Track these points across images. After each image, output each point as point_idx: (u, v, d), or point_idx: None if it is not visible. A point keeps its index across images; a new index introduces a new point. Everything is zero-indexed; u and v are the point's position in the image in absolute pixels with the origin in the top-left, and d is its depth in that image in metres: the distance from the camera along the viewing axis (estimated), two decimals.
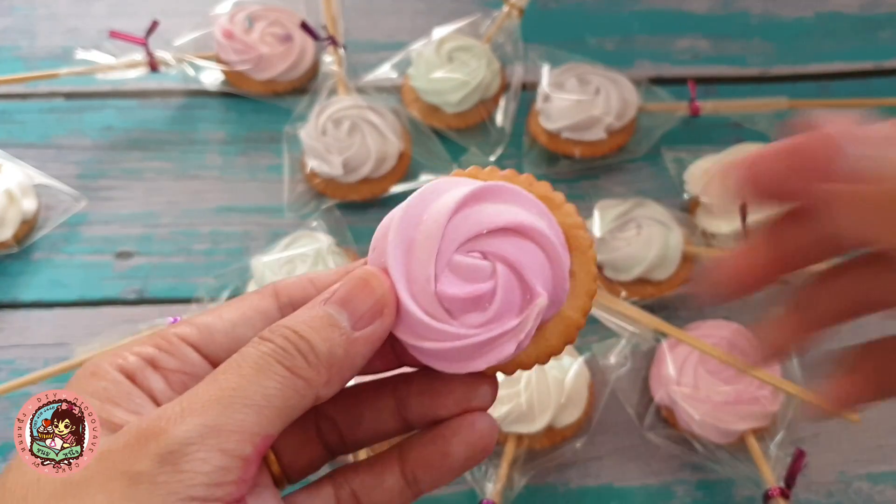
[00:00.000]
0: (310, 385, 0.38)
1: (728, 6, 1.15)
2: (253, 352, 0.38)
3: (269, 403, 0.37)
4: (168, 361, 0.41)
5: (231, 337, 0.43)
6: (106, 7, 1.14)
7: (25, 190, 0.94)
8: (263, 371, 0.37)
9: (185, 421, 0.35)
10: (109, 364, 0.40)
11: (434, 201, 0.42)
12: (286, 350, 0.38)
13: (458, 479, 0.81)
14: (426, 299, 0.42)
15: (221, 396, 0.36)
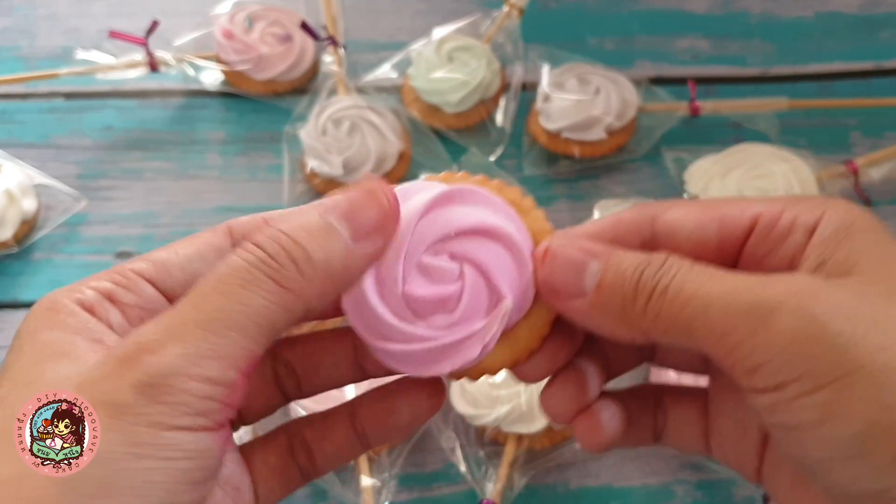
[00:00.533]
0: (300, 298, 0.37)
1: (728, 6, 1.15)
2: (239, 262, 0.37)
3: (254, 322, 0.36)
4: (125, 296, 0.41)
5: (187, 272, 0.42)
6: (106, 7, 1.14)
7: (25, 190, 0.93)
8: (249, 285, 0.36)
9: (166, 349, 0.34)
10: (67, 298, 0.39)
11: (404, 202, 0.42)
12: (276, 258, 0.37)
13: (458, 479, 0.82)
14: (393, 300, 0.42)
15: (202, 319, 0.35)
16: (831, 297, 0.36)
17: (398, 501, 0.82)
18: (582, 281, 0.41)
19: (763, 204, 0.43)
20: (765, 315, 0.36)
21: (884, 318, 0.35)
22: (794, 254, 0.41)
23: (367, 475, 0.79)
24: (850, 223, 0.39)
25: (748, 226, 0.42)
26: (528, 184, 0.98)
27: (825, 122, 1.05)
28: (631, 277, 0.40)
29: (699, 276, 0.39)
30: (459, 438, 0.82)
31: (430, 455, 0.84)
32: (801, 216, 0.41)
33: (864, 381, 0.34)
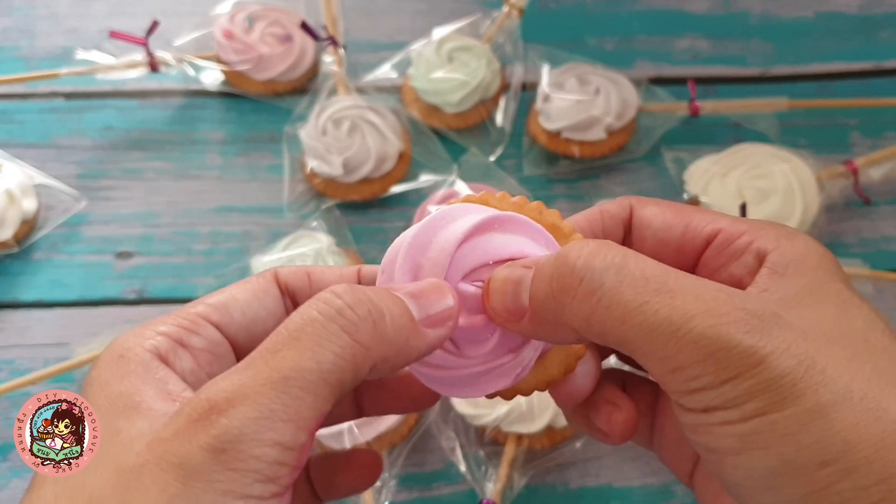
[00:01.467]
0: (369, 356, 0.37)
1: (728, 6, 1.15)
2: (314, 314, 0.37)
3: (326, 381, 0.36)
4: (195, 340, 0.41)
5: (247, 315, 0.43)
6: (106, 7, 1.14)
7: (25, 190, 0.94)
8: (323, 340, 0.36)
9: (238, 410, 0.34)
10: (137, 345, 0.40)
11: (443, 228, 0.42)
12: (356, 310, 0.37)
13: (458, 479, 0.82)
14: None
15: (275, 379, 0.35)
16: (781, 333, 0.36)
17: (398, 501, 0.82)
18: (521, 300, 0.40)
19: (729, 221, 0.44)
20: (716, 350, 0.36)
21: (822, 358, 0.36)
22: (742, 274, 0.42)
23: None
24: (802, 258, 0.40)
25: (709, 237, 0.44)
26: (528, 184, 0.98)
27: (825, 122, 1.05)
28: (551, 276, 0.39)
29: (643, 285, 0.37)
30: (459, 438, 0.82)
31: (431, 455, 0.85)
32: (757, 241, 0.42)
33: (787, 421, 0.35)
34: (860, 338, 0.38)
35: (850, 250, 0.97)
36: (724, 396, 0.36)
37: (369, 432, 0.80)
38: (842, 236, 0.97)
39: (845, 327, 0.38)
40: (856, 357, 0.37)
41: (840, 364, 0.36)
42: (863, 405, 0.35)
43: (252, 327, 0.43)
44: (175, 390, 0.39)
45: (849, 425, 0.34)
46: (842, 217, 0.98)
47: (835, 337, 0.37)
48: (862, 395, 0.35)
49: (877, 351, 0.37)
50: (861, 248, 0.97)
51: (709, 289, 0.37)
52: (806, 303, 0.39)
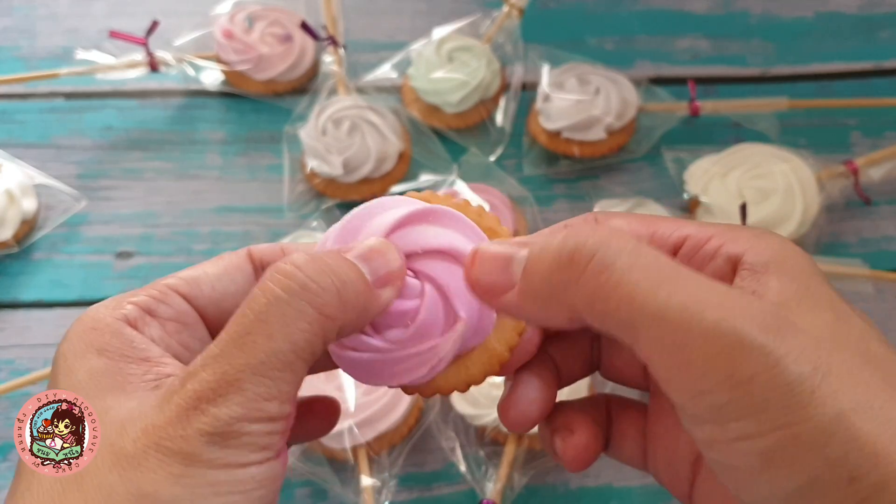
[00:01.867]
0: (335, 324, 0.39)
1: (728, 6, 1.16)
2: (278, 292, 0.38)
3: (300, 358, 0.37)
4: (163, 310, 0.43)
5: (216, 289, 0.45)
6: (106, 7, 1.14)
7: (25, 190, 0.94)
8: (291, 321, 0.37)
9: (226, 398, 0.36)
10: (108, 315, 0.41)
11: (377, 215, 0.43)
12: (319, 281, 0.38)
13: (458, 479, 0.82)
14: None
15: (254, 364, 0.36)
16: (794, 337, 0.34)
17: (398, 501, 0.82)
18: (510, 273, 0.40)
19: (696, 226, 0.43)
20: (731, 344, 0.34)
21: (835, 365, 0.34)
22: (716, 278, 0.39)
23: (367, 475, 0.79)
24: (782, 260, 0.39)
25: (675, 244, 0.43)
26: (528, 184, 0.98)
27: (825, 122, 1.05)
28: (560, 250, 0.38)
29: (656, 269, 0.36)
30: (459, 438, 0.82)
31: (431, 455, 0.85)
32: (726, 245, 0.41)
33: (811, 433, 0.33)
34: (862, 347, 0.36)
35: (851, 250, 0.97)
36: (737, 403, 0.34)
37: (369, 432, 0.80)
38: (842, 236, 0.97)
39: (846, 335, 0.36)
40: (866, 365, 0.35)
41: (853, 372, 0.34)
42: (883, 414, 0.33)
43: (221, 301, 0.44)
44: (154, 356, 0.40)
45: (874, 436, 0.33)
46: (842, 217, 0.98)
47: (841, 344, 0.35)
48: (881, 404, 0.33)
49: (878, 360, 0.36)
50: (861, 248, 0.97)
51: (721, 285, 0.36)
52: (806, 307, 0.37)
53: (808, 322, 0.36)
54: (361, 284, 0.40)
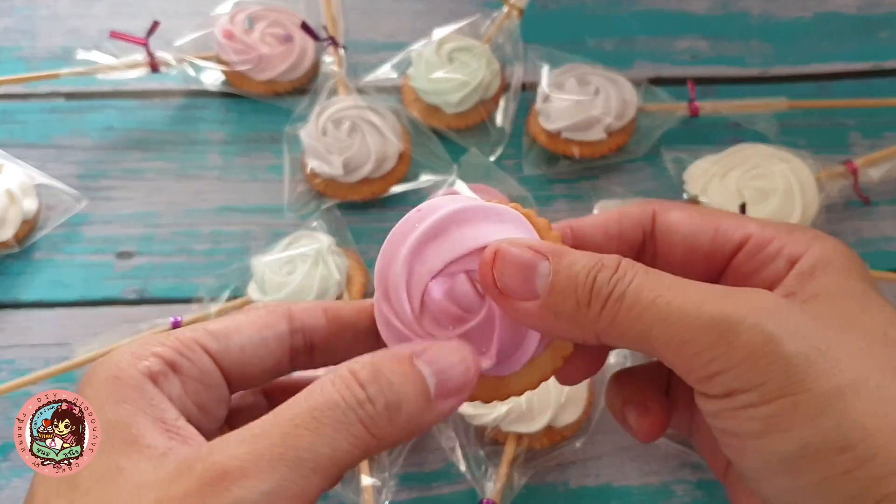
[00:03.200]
0: (380, 446, 0.38)
1: (727, 7, 1.16)
2: (336, 399, 0.37)
3: (336, 465, 0.37)
4: (187, 367, 0.41)
5: (245, 351, 0.43)
6: (107, 7, 1.14)
7: (26, 190, 0.94)
8: (341, 427, 0.37)
9: (251, 481, 0.35)
10: (131, 366, 0.40)
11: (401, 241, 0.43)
12: (374, 402, 0.38)
13: (458, 479, 0.82)
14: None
15: (290, 457, 0.36)
16: (791, 318, 0.38)
17: (398, 501, 0.83)
18: (532, 283, 0.41)
19: (758, 225, 0.44)
20: (726, 329, 0.37)
21: (835, 345, 0.37)
22: (773, 280, 0.42)
23: (367, 474, 0.79)
24: (828, 261, 0.41)
25: (739, 242, 0.44)
26: (528, 184, 0.98)
27: (824, 122, 1.05)
28: (585, 281, 0.40)
29: (657, 283, 0.40)
30: (459, 438, 0.82)
31: (431, 454, 0.85)
32: (788, 247, 0.42)
33: (808, 404, 0.36)
34: (879, 331, 0.39)
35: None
36: (742, 378, 0.37)
37: None
38: (841, 236, 0.97)
39: (865, 321, 0.39)
40: (872, 348, 0.38)
41: (854, 353, 0.37)
42: (878, 393, 0.36)
43: (248, 363, 0.43)
44: (170, 419, 0.39)
45: (866, 412, 0.36)
46: (841, 217, 0.98)
47: (851, 328, 0.38)
48: (877, 384, 0.36)
49: (894, 346, 0.38)
50: (860, 248, 0.97)
51: (722, 288, 0.39)
52: (825, 297, 0.40)
53: (819, 309, 0.39)
54: (420, 403, 0.39)
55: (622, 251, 0.46)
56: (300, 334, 0.45)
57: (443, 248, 0.43)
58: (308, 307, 0.45)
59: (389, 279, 0.43)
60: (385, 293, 0.43)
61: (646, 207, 0.47)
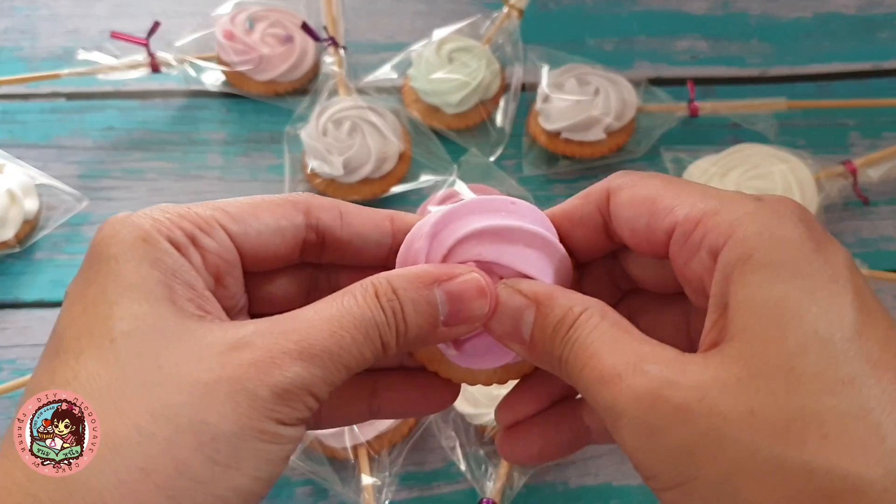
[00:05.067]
0: (387, 355, 0.43)
1: (727, 7, 1.16)
2: (368, 318, 0.41)
3: (358, 366, 0.41)
4: (207, 242, 0.43)
5: (262, 239, 0.45)
6: (107, 8, 1.14)
7: (27, 190, 0.94)
8: (365, 339, 0.41)
9: (300, 365, 0.39)
10: (157, 231, 0.41)
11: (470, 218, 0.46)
12: (388, 323, 0.42)
13: (459, 478, 0.82)
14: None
15: (334, 353, 0.40)
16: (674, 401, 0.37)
17: (399, 500, 0.83)
18: (520, 329, 0.44)
19: (689, 206, 0.41)
20: (614, 420, 0.38)
21: (720, 423, 0.35)
22: (702, 273, 0.41)
23: (367, 474, 0.80)
24: (749, 254, 0.38)
25: (669, 230, 0.42)
26: (528, 184, 0.99)
27: (823, 122, 1.06)
28: (550, 337, 0.42)
29: (593, 344, 0.40)
30: (459, 437, 0.82)
31: (431, 454, 0.85)
32: (710, 233, 0.40)
33: (701, 489, 0.36)
34: (784, 370, 0.36)
35: (849, 250, 0.96)
36: (641, 465, 0.38)
37: (370, 431, 0.80)
38: (840, 236, 0.98)
39: (771, 357, 0.36)
40: (766, 405, 0.35)
41: (742, 423, 0.35)
42: (766, 466, 0.35)
43: (263, 248, 0.45)
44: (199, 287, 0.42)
45: (754, 490, 0.35)
46: (840, 217, 0.98)
47: (749, 380, 0.36)
48: (765, 456, 0.35)
49: (801, 384, 0.35)
50: (860, 248, 0.97)
51: (632, 355, 0.39)
52: (733, 334, 0.37)
53: (722, 362, 0.37)
54: (428, 328, 0.43)
55: (587, 236, 0.48)
56: (314, 230, 0.47)
57: (458, 227, 0.45)
58: (327, 206, 0.47)
59: (409, 254, 0.46)
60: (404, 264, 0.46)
61: (603, 188, 0.47)
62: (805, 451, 0.34)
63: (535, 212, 0.47)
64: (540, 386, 0.49)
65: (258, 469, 0.39)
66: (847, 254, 0.40)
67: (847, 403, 0.35)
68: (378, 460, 0.81)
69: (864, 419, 0.35)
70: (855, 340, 0.36)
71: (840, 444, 0.34)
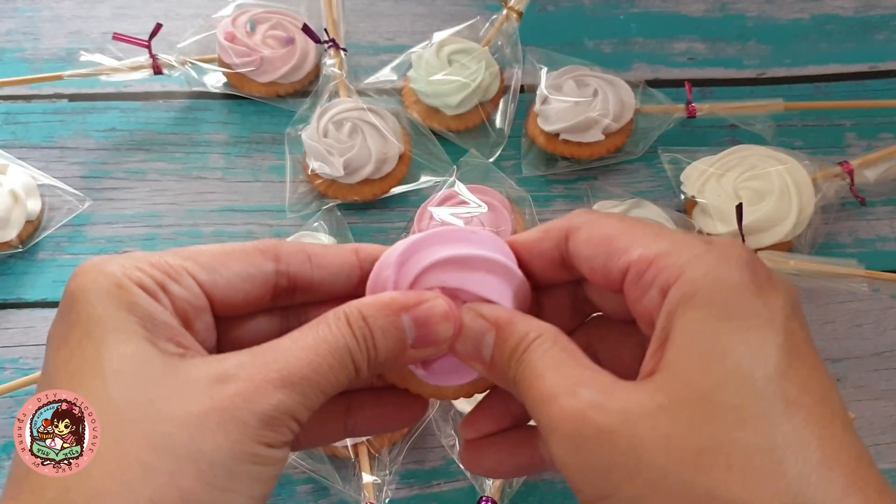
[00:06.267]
0: (358, 379, 0.45)
1: (724, 9, 1.16)
2: (341, 344, 0.44)
3: (334, 390, 0.44)
4: (176, 290, 0.45)
5: (231, 286, 0.47)
6: (109, 9, 1.15)
7: (30, 191, 0.95)
8: (339, 365, 0.44)
9: (282, 392, 0.42)
10: (127, 278, 0.43)
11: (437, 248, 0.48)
12: (360, 349, 0.44)
13: (459, 476, 0.83)
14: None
15: (311, 378, 0.43)
16: (599, 422, 0.39)
17: (399, 498, 0.83)
18: (481, 351, 0.46)
19: (643, 248, 0.44)
20: (548, 434, 0.41)
21: (637, 445, 0.38)
22: (651, 309, 0.43)
23: (367, 472, 0.80)
24: (692, 294, 0.40)
25: (623, 269, 0.45)
26: (527, 185, 0.99)
27: (821, 123, 1.06)
28: (506, 359, 0.45)
29: (541, 367, 0.43)
30: (459, 436, 0.83)
31: (431, 452, 0.85)
32: (662, 273, 0.42)
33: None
34: (705, 400, 0.38)
35: (846, 251, 0.97)
36: (571, 481, 0.41)
37: None
38: (837, 237, 0.98)
39: (694, 388, 0.39)
40: (683, 431, 0.38)
41: (659, 447, 0.38)
42: (676, 489, 0.37)
43: (233, 295, 0.47)
44: (174, 325, 0.44)
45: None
46: (837, 217, 0.98)
47: (672, 408, 0.39)
48: (676, 479, 0.37)
49: (716, 415, 0.38)
50: (856, 249, 0.98)
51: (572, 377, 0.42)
52: (665, 364, 0.40)
53: (650, 390, 0.40)
54: (397, 351, 0.46)
55: (543, 267, 0.50)
56: (285, 276, 0.49)
57: (423, 256, 0.47)
58: (294, 251, 0.49)
59: (378, 282, 0.48)
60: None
61: (563, 227, 0.49)
62: (710, 480, 0.37)
63: (496, 240, 0.49)
64: (501, 407, 0.51)
65: (252, 489, 0.41)
66: (789, 298, 0.42)
67: (756, 437, 0.37)
68: (378, 458, 0.82)
69: (770, 454, 0.37)
70: (774, 380, 0.38)
71: (743, 476, 0.36)
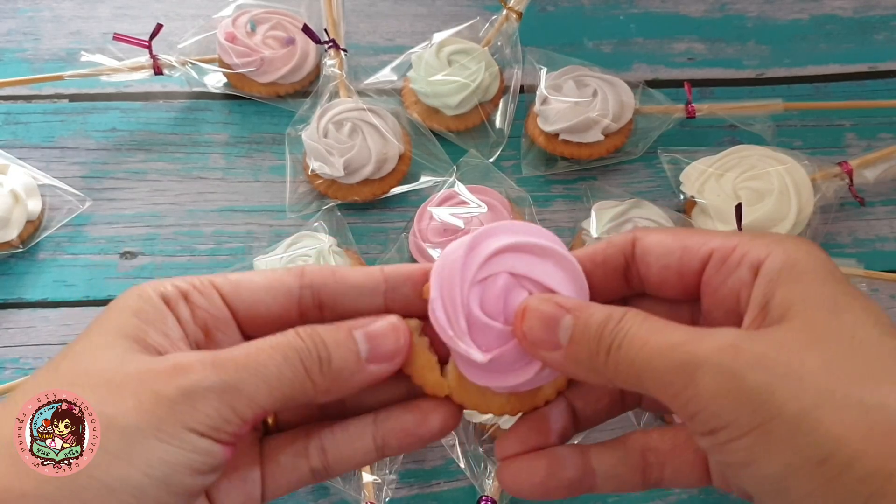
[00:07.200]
0: (314, 387, 0.46)
1: (724, 9, 1.16)
2: (285, 343, 0.46)
3: (279, 387, 0.45)
4: (197, 298, 0.48)
5: (254, 298, 0.50)
6: (110, 10, 1.15)
7: (30, 191, 0.95)
8: (287, 362, 0.45)
9: (213, 372, 0.43)
10: (152, 289, 0.47)
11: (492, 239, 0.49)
12: (311, 352, 0.46)
13: (459, 476, 0.83)
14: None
15: (248, 364, 0.44)
16: (753, 350, 0.40)
17: (399, 497, 0.83)
18: (556, 335, 0.46)
19: (722, 238, 0.47)
20: (691, 372, 0.41)
21: (797, 367, 0.39)
22: (739, 287, 0.45)
23: (367, 472, 0.80)
24: (792, 264, 0.43)
25: (705, 257, 0.47)
26: (527, 185, 0.99)
27: (820, 123, 1.06)
28: (595, 333, 0.45)
29: (646, 331, 0.43)
30: (459, 435, 0.83)
31: (430, 452, 0.86)
32: (749, 253, 0.45)
33: (780, 429, 0.39)
34: (847, 337, 0.40)
35: (845, 251, 0.97)
36: (715, 417, 0.40)
37: None
38: (836, 237, 0.98)
39: (833, 328, 0.41)
40: (837, 358, 0.40)
41: (819, 369, 0.39)
42: (845, 402, 0.38)
43: (256, 308, 0.49)
44: (173, 335, 0.47)
45: (835, 423, 0.38)
46: (836, 218, 0.98)
47: (818, 342, 0.40)
48: (843, 394, 0.38)
49: (862, 348, 0.40)
50: (856, 249, 0.98)
51: (696, 329, 0.42)
52: (792, 314, 0.42)
53: (789, 330, 0.41)
54: (350, 362, 0.47)
55: (607, 275, 0.51)
56: (308, 290, 0.50)
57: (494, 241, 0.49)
58: (318, 268, 0.51)
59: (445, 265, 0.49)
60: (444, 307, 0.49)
61: (628, 235, 0.50)
62: (879, 394, 0.38)
63: (561, 242, 0.50)
64: (545, 422, 0.52)
65: (150, 466, 0.41)
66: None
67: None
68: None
69: None
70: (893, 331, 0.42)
71: None
